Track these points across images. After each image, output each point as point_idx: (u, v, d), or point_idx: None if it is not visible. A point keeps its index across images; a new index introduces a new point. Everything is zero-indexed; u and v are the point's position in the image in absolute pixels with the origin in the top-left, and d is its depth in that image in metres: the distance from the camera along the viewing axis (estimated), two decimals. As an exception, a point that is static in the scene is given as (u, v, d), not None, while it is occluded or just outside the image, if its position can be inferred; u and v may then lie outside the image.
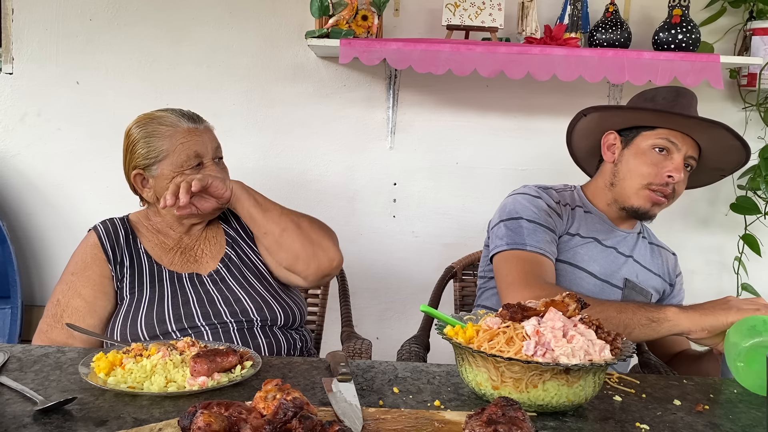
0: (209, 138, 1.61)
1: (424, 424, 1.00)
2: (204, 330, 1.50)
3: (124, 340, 1.47)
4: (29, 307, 2.56)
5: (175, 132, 1.56)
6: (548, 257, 1.57)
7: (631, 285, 1.68)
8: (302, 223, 1.59)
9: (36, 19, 2.50)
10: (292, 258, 1.57)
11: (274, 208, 1.58)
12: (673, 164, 1.59)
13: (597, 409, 1.12)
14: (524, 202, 1.65)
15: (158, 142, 1.56)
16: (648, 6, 2.52)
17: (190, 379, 1.12)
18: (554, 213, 1.67)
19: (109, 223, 1.64)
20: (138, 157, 1.58)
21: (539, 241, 1.58)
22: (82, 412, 1.01)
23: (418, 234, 2.63)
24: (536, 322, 1.11)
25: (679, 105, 1.63)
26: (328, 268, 1.60)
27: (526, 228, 1.60)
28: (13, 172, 2.56)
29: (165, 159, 1.55)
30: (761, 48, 2.42)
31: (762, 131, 2.57)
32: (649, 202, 1.63)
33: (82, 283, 1.54)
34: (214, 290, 1.56)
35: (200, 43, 2.52)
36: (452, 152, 2.59)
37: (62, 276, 1.59)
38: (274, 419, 0.84)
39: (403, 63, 2.24)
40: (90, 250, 1.58)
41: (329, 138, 2.57)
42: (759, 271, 2.60)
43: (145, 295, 1.52)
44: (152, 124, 1.58)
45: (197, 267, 1.60)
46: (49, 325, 1.52)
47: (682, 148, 1.60)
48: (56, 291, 1.57)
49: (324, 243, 1.59)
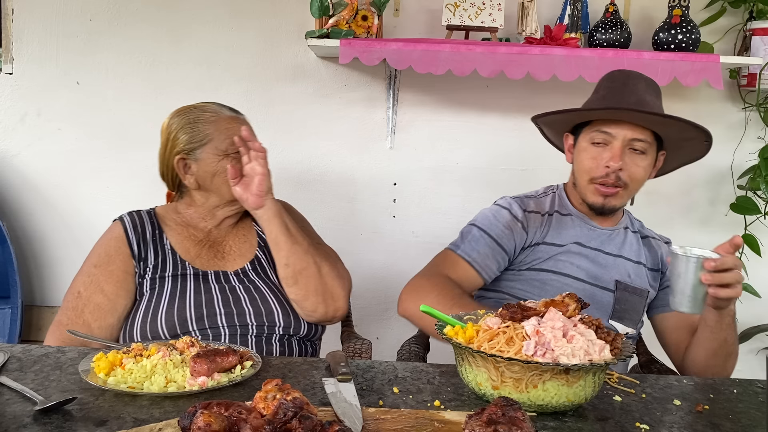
0: (250, 127, 1.64)
1: (424, 424, 1.00)
2: (223, 331, 1.49)
3: (144, 337, 1.46)
4: (29, 307, 2.56)
5: (218, 118, 1.60)
6: (471, 264, 1.64)
7: (623, 287, 1.66)
8: (323, 267, 1.58)
9: (36, 19, 2.50)
10: (302, 297, 1.56)
11: (302, 243, 1.57)
12: (609, 153, 1.59)
13: (597, 409, 1.12)
14: (488, 213, 1.73)
15: (202, 127, 1.59)
16: (648, 6, 2.52)
17: (190, 379, 1.12)
18: (518, 225, 1.68)
19: (136, 215, 1.62)
20: (181, 143, 1.59)
21: (473, 250, 1.65)
22: (82, 412, 1.01)
23: (418, 234, 2.63)
24: (536, 322, 1.11)
25: (611, 93, 1.63)
26: (331, 317, 1.61)
27: (472, 235, 1.69)
28: (13, 172, 2.56)
29: (209, 143, 1.57)
30: (761, 48, 2.42)
31: (762, 131, 2.57)
32: (599, 196, 1.63)
33: (104, 278, 1.52)
34: (240, 288, 1.56)
35: (200, 43, 2.52)
36: (452, 152, 2.59)
37: (84, 266, 1.56)
38: (274, 419, 0.84)
39: (403, 63, 2.24)
40: (114, 243, 1.56)
41: (329, 138, 2.57)
42: (759, 271, 2.60)
43: (166, 291, 1.51)
44: (195, 112, 1.61)
45: (224, 264, 1.60)
46: (69, 319, 1.49)
47: (618, 135, 1.59)
48: (77, 282, 1.54)
49: (336, 292, 1.59)
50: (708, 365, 1.53)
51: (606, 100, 1.63)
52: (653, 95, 1.62)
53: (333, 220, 2.60)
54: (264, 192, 1.53)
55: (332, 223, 2.59)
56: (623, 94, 1.61)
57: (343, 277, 1.63)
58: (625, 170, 1.59)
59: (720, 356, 1.50)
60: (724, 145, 2.59)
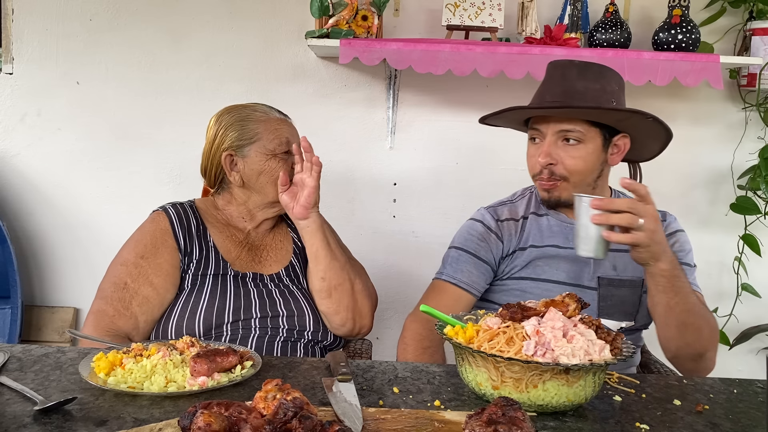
0: (296, 131, 1.66)
1: (424, 424, 1.00)
2: (254, 332, 1.50)
3: (179, 334, 1.45)
4: (29, 307, 2.56)
5: (268, 118, 1.63)
6: (458, 286, 1.63)
7: (606, 282, 1.62)
8: (356, 284, 1.61)
9: (36, 19, 2.50)
10: (333, 311, 1.58)
11: (340, 258, 1.60)
12: (540, 150, 1.58)
13: (597, 409, 1.12)
14: (463, 230, 1.72)
15: (252, 125, 1.60)
16: (648, 6, 2.52)
17: (190, 379, 1.12)
18: (492, 235, 1.67)
19: (180, 207, 1.61)
20: (230, 139, 1.60)
21: (456, 271, 1.65)
22: (82, 412, 1.01)
23: (418, 234, 2.63)
24: (536, 322, 1.11)
25: (541, 87, 1.62)
26: (357, 334, 1.65)
27: (451, 256, 1.68)
28: (13, 172, 2.56)
29: (257, 141, 1.59)
30: (761, 48, 2.42)
31: (762, 131, 2.57)
32: (543, 191, 1.62)
33: (153, 271, 1.51)
34: (276, 292, 1.57)
35: (200, 43, 2.52)
36: (452, 152, 2.59)
37: (126, 256, 1.53)
38: (274, 419, 0.84)
39: (403, 63, 2.24)
40: (161, 235, 1.55)
41: (329, 138, 2.57)
42: (759, 271, 2.60)
43: (207, 290, 1.51)
44: (245, 111, 1.63)
45: (260, 268, 1.61)
46: (117, 311, 1.46)
47: (546, 130, 1.58)
48: (120, 272, 1.50)
49: (365, 311, 1.63)
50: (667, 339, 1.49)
51: (536, 97, 1.63)
52: (590, 80, 1.57)
53: (333, 220, 2.57)
54: (311, 205, 1.55)
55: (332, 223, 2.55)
56: (550, 86, 1.60)
57: (372, 295, 1.68)
58: (560, 163, 1.56)
59: (671, 327, 1.46)
60: (724, 145, 2.59)
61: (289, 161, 1.60)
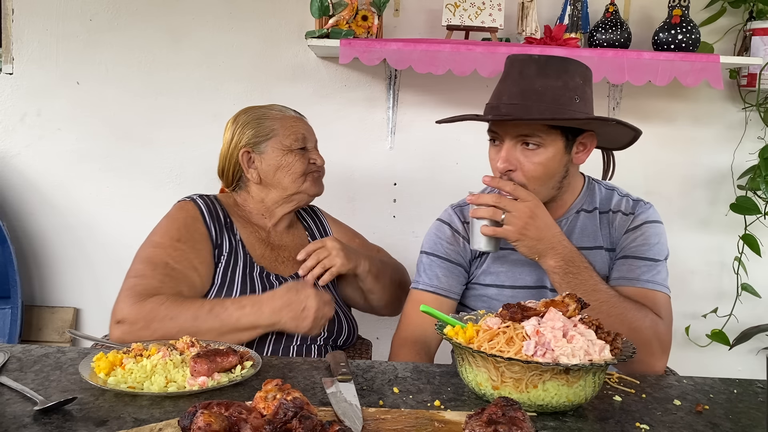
0: (312, 129, 1.72)
1: (424, 424, 1.00)
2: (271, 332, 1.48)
3: None
4: (29, 307, 2.56)
5: (284, 116, 1.68)
6: (435, 293, 1.60)
7: None
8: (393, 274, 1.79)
9: (36, 19, 2.50)
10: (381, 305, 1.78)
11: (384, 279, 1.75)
12: (500, 154, 1.48)
13: (597, 409, 1.12)
14: (431, 233, 1.69)
15: (269, 122, 1.65)
16: (648, 6, 2.52)
17: (190, 379, 1.12)
18: (459, 238, 1.62)
19: (207, 198, 1.61)
20: (247, 137, 1.63)
21: (430, 278, 1.61)
22: (82, 412, 1.01)
23: (418, 234, 2.62)
24: (536, 322, 1.11)
25: (498, 86, 1.53)
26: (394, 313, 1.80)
27: (423, 263, 1.65)
28: (13, 172, 2.56)
29: (274, 138, 1.63)
30: (761, 48, 2.42)
31: (762, 131, 2.57)
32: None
33: (195, 256, 1.48)
34: None
35: (200, 43, 2.52)
36: (452, 152, 2.59)
37: (159, 239, 1.48)
38: (274, 419, 0.84)
39: (403, 63, 2.24)
40: (193, 223, 1.53)
41: (329, 138, 2.56)
42: (759, 271, 2.60)
43: (236, 288, 1.51)
44: (261, 110, 1.68)
45: (281, 268, 1.63)
46: (169, 287, 1.40)
47: (504, 134, 1.48)
48: (158, 254, 1.44)
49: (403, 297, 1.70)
50: None
51: (493, 96, 1.54)
52: (551, 77, 1.45)
53: (333, 220, 2.60)
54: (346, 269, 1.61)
55: (332, 223, 2.59)
56: (507, 84, 1.51)
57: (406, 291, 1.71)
58: (519, 169, 1.46)
59: None
60: (724, 145, 2.59)
61: (305, 156, 1.65)
